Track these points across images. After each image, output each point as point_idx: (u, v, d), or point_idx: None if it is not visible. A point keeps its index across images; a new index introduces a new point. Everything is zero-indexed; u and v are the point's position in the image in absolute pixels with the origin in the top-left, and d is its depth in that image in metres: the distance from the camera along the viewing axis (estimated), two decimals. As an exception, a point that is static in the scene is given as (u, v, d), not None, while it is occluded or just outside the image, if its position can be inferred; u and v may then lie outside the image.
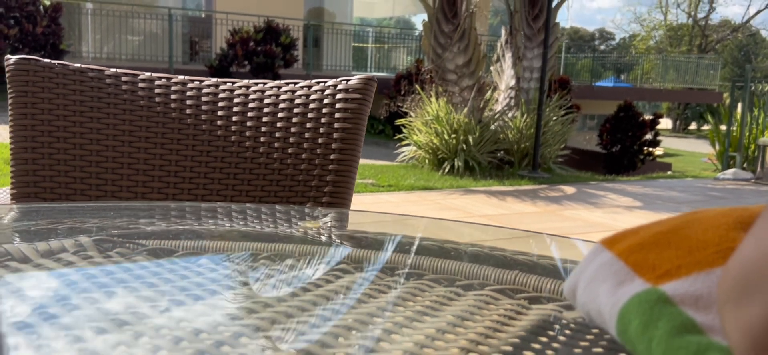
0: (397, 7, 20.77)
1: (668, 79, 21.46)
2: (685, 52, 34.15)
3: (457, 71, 8.53)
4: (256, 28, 12.71)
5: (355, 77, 1.38)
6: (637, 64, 25.76)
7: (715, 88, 21.85)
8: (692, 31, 37.90)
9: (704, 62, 23.14)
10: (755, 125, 9.72)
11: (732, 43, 43.28)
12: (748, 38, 44.08)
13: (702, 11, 37.95)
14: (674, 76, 21.80)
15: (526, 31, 9.00)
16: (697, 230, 0.38)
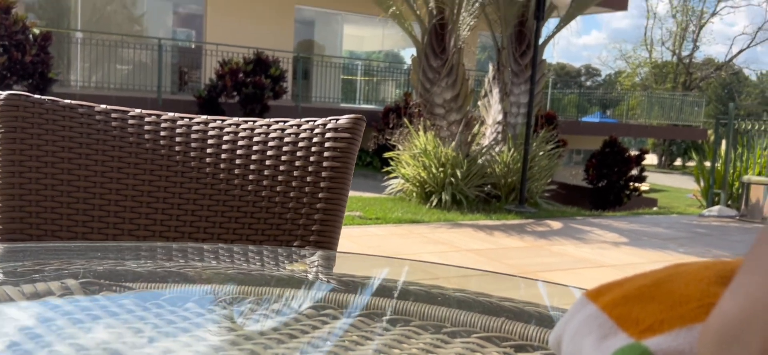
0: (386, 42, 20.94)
1: (653, 116, 21.71)
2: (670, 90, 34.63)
3: (445, 105, 8.60)
4: (246, 59, 12.76)
5: (345, 117, 1.39)
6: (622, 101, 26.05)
7: (699, 125, 22.11)
8: (677, 68, 38.47)
9: (689, 99, 23.45)
10: (739, 163, 9.83)
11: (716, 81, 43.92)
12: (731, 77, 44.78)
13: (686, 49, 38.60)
14: (659, 112, 22.06)
15: (513, 68, 9.11)
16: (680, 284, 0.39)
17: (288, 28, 17.16)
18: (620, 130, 19.87)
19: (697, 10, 38.02)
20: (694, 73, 38.83)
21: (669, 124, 21.74)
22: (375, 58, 22.77)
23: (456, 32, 8.51)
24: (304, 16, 18.31)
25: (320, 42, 19.70)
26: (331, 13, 18.18)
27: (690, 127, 21.97)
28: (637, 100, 23.63)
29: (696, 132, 22.06)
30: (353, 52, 23.97)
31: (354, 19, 18.59)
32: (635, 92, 27.15)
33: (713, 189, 9.77)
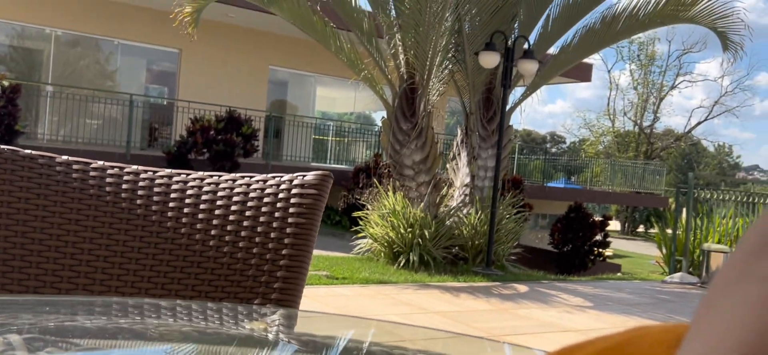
0: (358, 104, 21.15)
1: (616, 183, 22.12)
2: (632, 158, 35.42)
3: (414, 167, 8.65)
4: (218, 117, 12.73)
5: (312, 173, 1.38)
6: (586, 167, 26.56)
7: (661, 192, 22.57)
8: (638, 138, 39.46)
9: (650, 168, 24.00)
10: (699, 231, 10.01)
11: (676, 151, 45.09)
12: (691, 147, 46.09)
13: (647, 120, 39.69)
14: (622, 180, 22.49)
15: (480, 132, 9.24)
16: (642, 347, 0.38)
17: (261, 87, 17.25)
18: (585, 196, 20.17)
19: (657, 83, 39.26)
20: (655, 142, 39.87)
21: (632, 192, 22.16)
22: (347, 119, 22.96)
23: (426, 97, 8.63)
24: (278, 77, 18.45)
25: (293, 102, 19.80)
26: (305, 74, 18.36)
27: (652, 194, 22.41)
28: (601, 167, 24.11)
29: (658, 200, 22.50)
30: (325, 113, 24.11)
31: (327, 81, 18.79)
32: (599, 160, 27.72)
33: (675, 256, 9.90)
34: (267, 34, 16.40)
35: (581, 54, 9.33)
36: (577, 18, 8.94)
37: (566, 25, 9.04)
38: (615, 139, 40.06)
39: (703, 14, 8.15)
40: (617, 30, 8.74)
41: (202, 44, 13.26)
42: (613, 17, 8.69)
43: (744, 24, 8.02)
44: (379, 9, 8.56)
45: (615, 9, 8.67)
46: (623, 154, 37.54)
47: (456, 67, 9.37)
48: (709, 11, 8.11)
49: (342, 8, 8.54)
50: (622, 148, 39.46)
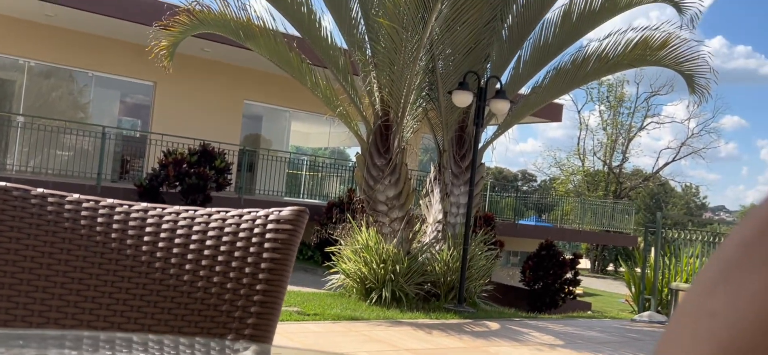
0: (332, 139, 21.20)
1: (586, 222, 22.37)
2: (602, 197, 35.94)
3: (387, 203, 8.67)
4: (191, 150, 12.65)
5: (287, 209, 1.39)
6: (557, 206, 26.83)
7: (630, 231, 22.87)
8: (608, 177, 40.08)
9: (619, 207, 24.33)
10: (667, 270, 10.15)
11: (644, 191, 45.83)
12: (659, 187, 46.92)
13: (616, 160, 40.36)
14: (592, 218, 22.76)
15: (453, 169, 9.31)
16: None
17: (236, 121, 17.21)
18: (555, 234, 20.35)
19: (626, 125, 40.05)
20: (623, 182, 40.51)
21: (601, 230, 22.41)
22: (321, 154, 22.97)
23: (400, 133, 8.70)
24: (252, 111, 18.43)
25: (267, 136, 19.76)
26: (280, 109, 18.38)
27: (621, 233, 22.69)
28: (571, 205, 24.38)
29: (627, 239, 22.79)
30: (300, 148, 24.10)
31: (302, 116, 18.83)
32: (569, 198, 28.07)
33: (644, 295, 10.01)
34: (242, 69, 16.44)
35: (552, 94, 9.51)
36: (547, 59, 9.14)
37: (537, 66, 9.23)
38: (585, 178, 40.63)
39: (671, 58, 8.39)
40: (587, 71, 8.94)
41: (178, 77, 13.23)
42: (584, 59, 8.90)
43: (710, 68, 8.27)
44: (355, 47, 8.66)
45: (585, 51, 8.89)
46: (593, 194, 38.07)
47: (430, 105, 9.48)
48: (677, 55, 8.35)
49: (318, 45, 8.62)
50: (591, 187, 40.03)
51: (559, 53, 9.05)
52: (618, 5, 8.38)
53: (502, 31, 9.07)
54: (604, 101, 39.41)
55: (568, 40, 8.95)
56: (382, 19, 7.63)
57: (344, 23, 8.66)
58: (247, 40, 8.03)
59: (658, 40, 8.19)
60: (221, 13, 7.95)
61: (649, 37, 8.25)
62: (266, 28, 8.09)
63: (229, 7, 7.85)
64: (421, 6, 7.31)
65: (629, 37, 8.35)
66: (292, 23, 8.53)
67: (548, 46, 9.03)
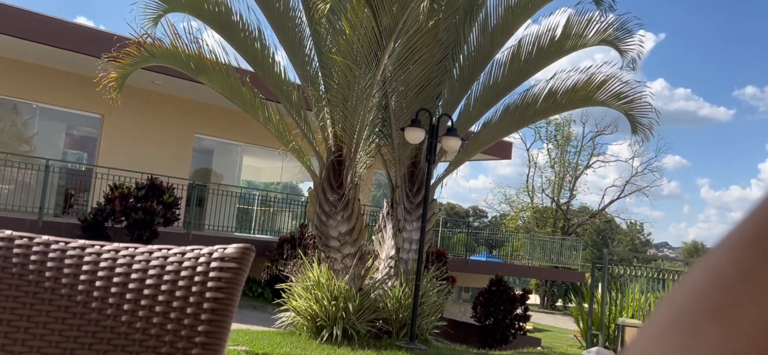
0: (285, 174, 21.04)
1: (536, 257, 22.68)
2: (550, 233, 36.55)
3: (340, 239, 8.60)
4: (139, 184, 12.35)
5: (232, 246, 1.35)
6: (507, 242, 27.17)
7: (578, 267, 23.26)
8: (556, 214, 40.87)
9: (567, 243, 24.77)
10: (614, 305, 10.34)
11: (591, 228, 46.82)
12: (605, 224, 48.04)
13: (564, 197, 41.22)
14: (541, 254, 23.09)
15: (406, 205, 9.33)
16: None
17: (186, 155, 16.92)
18: (505, 270, 20.55)
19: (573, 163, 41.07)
20: (571, 219, 41.35)
21: (550, 266, 22.74)
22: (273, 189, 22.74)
23: (353, 169, 8.68)
24: (203, 145, 18.17)
25: (218, 170, 19.47)
26: (232, 143, 18.16)
27: (569, 269, 23.07)
28: (521, 241, 24.70)
29: (575, 274, 23.17)
30: (251, 182, 23.82)
31: (254, 150, 18.63)
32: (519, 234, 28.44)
33: (592, 330, 10.15)
34: (193, 102, 16.23)
35: (501, 132, 9.67)
36: (497, 98, 9.32)
37: (488, 105, 9.39)
38: (534, 214, 41.32)
39: (613, 98, 8.67)
40: (535, 110, 9.14)
41: (126, 110, 12.97)
42: (532, 99, 9.11)
43: (652, 108, 8.56)
44: (308, 83, 8.66)
45: (533, 91, 9.11)
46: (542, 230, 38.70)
47: (383, 141, 9.52)
48: (619, 95, 8.64)
49: (271, 80, 8.58)
50: (540, 223, 40.71)
51: (509, 92, 9.25)
52: (563, 47, 8.63)
53: (453, 70, 9.22)
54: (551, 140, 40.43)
55: (517, 80, 9.16)
56: (335, 56, 7.66)
57: (298, 59, 8.66)
58: (199, 73, 7.94)
59: (601, 81, 8.47)
60: (172, 45, 7.85)
61: (593, 78, 8.53)
62: (218, 61, 8.02)
63: (180, 39, 7.76)
64: (375, 44, 7.38)
65: (575, 77, 8.62)
66: (245, 58, 8.49)
67: (498, 86, 9.21)
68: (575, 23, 8.47)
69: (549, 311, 38.61)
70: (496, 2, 8.99)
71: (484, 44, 9.12)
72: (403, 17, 6.92)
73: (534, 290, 35.53)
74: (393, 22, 7.05)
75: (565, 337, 20.57)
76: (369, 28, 7.17)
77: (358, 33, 7.27)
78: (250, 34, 8.29)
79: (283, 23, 8.53)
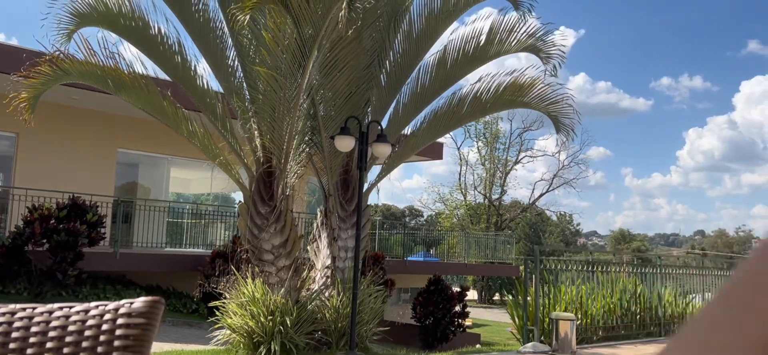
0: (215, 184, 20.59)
1: (471, 254, 23.02)
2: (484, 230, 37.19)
3: (273, 251, 8.47)
4: (60, 205, 11.83)
5: (140, 300, 1.28)
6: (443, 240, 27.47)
7: (512, 262, 23.75)
8: (489, 210, 41.65)
9: (501, 239, 25.26)
10: (547, 299, 10.58)
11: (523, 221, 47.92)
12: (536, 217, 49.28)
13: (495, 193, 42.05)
14: (476, 251, 23.45)
15: (340, 213, 9.28)
16: None
17: (109, 171, 16.33)
18: (443, 269, 20.76)
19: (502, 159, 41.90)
20: (504, 214, 42.24)
21: (486, 262, 23.13)
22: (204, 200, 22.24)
23: (284, 180, 8.57)
24: (128, 159, 17.58)
25: (145, 184, 18.88)
26: (158, 156, 17.64)
27: (504, 264, 23.52)
28: (456, 239, 25.02)
29: (510, 269, 23.64)
30: (181, 195, 23.18)
31: (181, 162, 18.15)
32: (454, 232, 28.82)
33: (527, 325, 10.36)
34: (115, 116, 15.67)
35: (431, 136, 9.76)
36: (425, 103, 9.40)
37: (416, 110, 9.46)
38: (467, 212, 41.97)
39: (537, 100, 8.88)
40: (463, 113, 9.27)
41: (43, 128, 12.39)
42: (459, 101, 9.22)
43: (573, 109, 8.82)
44: (232, 94, 8.49)
45: (460, 94, 9.22)
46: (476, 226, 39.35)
47: (313, 149, 9.44)
48: (542, 98, 8.86)
49: (194, 93, 8.38)
50: (474, 220, 41.39)
51: (437, 97, 9.35)
52: (487, 54, 8.78)
53: (380, 77, 9.24)
54: (480, 138, 41.16)
55: (444, 85, 9.27)
56: (259, 67, 7.53)
57: (221, 70, 8.48)
58: (118, 89, 7.66)
59: (525, 84, 8.67)
60: (87, 61, 7.53)
61: (517, 82, 8.72)
62: (137, 76, 7.75)
63: (95, 55, 7.46)
64: (298, 53, 7.30)
65: (500, 81, 8.79)
66: (165, 71, 8.26)
67: (425, 91, 9.30)
68: (498, 31, 8.63)
69: (487, 305, 39.31)
70: (420, 9, 9.08)
71: (410, 50, 9.18)
72: (324, 24, 6.87)
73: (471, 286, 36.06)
74: (315, 30, 6.99)
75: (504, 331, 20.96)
76: (292, 37, 7.08)
77: (281, 43, 7.18)
78: (169, 47, 8.06)
79: (203, 35, 8.34)
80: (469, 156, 42.19)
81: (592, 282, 11.63)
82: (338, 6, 6.51)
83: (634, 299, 11.86)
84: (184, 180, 22.05)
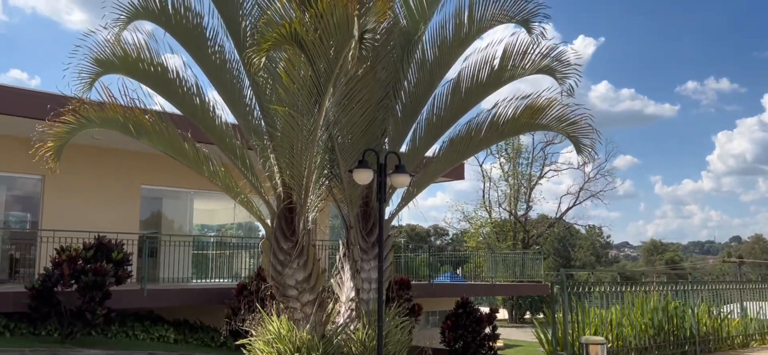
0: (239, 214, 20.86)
1: (499, 273, 22.94)
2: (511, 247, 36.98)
3: (297, 287, 8.57)
4: (87, 245, 12.11)
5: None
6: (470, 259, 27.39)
7: (541, 279, 23.59)
8: (515, 227, 41.34)
9: (529, 256, 25.14)
10: (577, 324, 10.51)
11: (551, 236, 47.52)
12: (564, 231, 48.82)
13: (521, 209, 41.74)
14: (504, 270, 23.36)
15: (361, 245, 9.36)
16: None
17: (133, 208, 16.65)
18: (470, 290, 20.73)
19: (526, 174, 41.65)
20: (530, 230, 41.86)
21: (514, 282, 23.02)
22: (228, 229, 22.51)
23: (305, 215, 8.69)
24: (151, 195, 17.91)
25: (169, 217, 19.19)
26: (181, 190, 17.94)
27: (533, 282, 23.38)
28: (483, 258, 24.94)
29: (539, 287, 23.50)
30: (205, 226, 23.47)
31: (204, 194, 18.41)
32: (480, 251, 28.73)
33: (557, 351, 10.29)
34: (137, 153, 16.00)
35: (449, 163, 9.81)
36: (441, 131, 9.50)
37: (433, 138, 9.57)
38: (493, 229, 41.71)
39: (555, 122, 8.90)
40: (480, 139, 9.34)
41: (68, 169, 12.63)
42: (476, 128, 9.29)
43: (592, 128, 8.81)
44: (251, 133, 8.66)
45: (476, 121, 9.29)
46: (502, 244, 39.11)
47: (333, 181, 9.56)
48: (560, 118, 8.87)
49: (214, 134, 8.57)
50: (500, 238, 41.13)
51: (452, 124, 9.43)
52: (501, 78, 8.86)
53: (396, 107, 9.37)
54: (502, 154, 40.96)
55: (459, 112, 9.35)
56: (276, 106, 7.69)
57: (239, 110, 8.68)
58: (140, 135, 7.88)
59: (542, 106, 8.71)
60: (110, 107, 7.76)
61: (534, 104, 8.75)
62: (157, 120, 7.96)
63: (116, 102, 7.69)
64: (314, 90, 7.45)
65: (516, 105, 8.84)
66: (185, 113, 8.48)
67: (441, 120, 9.39)
68: (511, 56, 8.70)
69: (518, 324, 38.95)
70: (433, 38, 9.19)
71: (424, 80, 9.30)
72: (337, 63, 7.02)
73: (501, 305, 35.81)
74: (329, 68, 7.14)
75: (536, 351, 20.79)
76: (307, 75, 7.24)
77: (297, 81, 7.34)
78: (187, 90, 8.28)
79: (220, 76, 8.55)
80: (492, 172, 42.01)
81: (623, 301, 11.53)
82: (349, 46, 6.65)
83: (666, 317, 11.72)
84: (207, 211, 22.35)
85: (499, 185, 41.82)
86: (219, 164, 8.60)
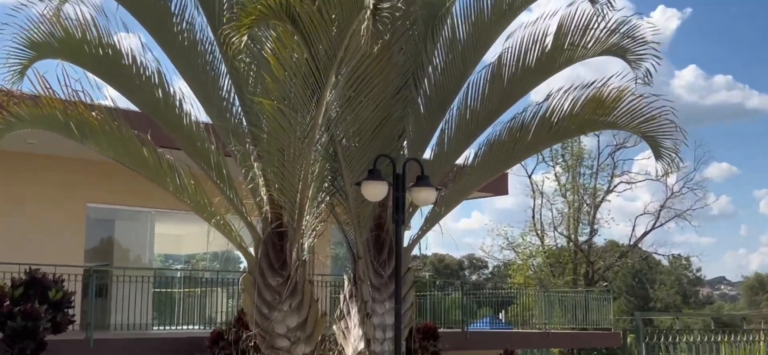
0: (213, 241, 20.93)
1: (555, 318, 22.79)
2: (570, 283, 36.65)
3: (289, 336, 8.60)
4: (15, 281, 12.20)
5: None
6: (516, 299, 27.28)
7: (610, 326, 23.40)
8: (575, 257, 40.90)
9: (594, 295, 24.97)
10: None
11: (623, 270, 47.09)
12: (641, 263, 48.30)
13: (583, 234, 41.23)
14: (561, 313, 23.23)
15: (373, 281, 9.35)
16: None
17: (77, 233, 16.75)
18: (517, 341, 20.63)
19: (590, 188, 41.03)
20: (595, 261, 41.32)
21: (576, 330, 22.86)
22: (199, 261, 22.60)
23: (299, 241, 8.72)
24: (100, 215, 18.03)
25: (123, 245, 19.29)
26: (138, 210, 18.02)
27: (601, 331, 23.18)
28: (533, 298, 24.82)
29: (608, 337, 23.29)
30: (170, 256, 23.56)
31: (168, 215, 18.41)
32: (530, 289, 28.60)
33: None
34: (82, 163, 16.03)
35: (487, 173, 9.83)
36: (477, 132, 9.50)
37: (466, 141, 9.58)
38: (546, 260, 41.36)
39: (626, 118, 8.88)
40: (527, 142, 9.35)
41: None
42: (523, 127, 9.29)
43: (675, 126, 8.77)
44: (229, 135, 8.72)
45: (524, 116, 9.28)
46: (559, 279, 38.82)
47: (335, 197, 9.59)
48: (633, 113, 8.84)
49: (181, 136, 8.64)
50: (556, 271, 40.78)
51: (491, 123, 9.44)
52: (556, 62, 8.86)
53: (417, 101, 9.38)
54: (559, 161, 40.57)
55: (500, 106, 9.37)
56: (262, 99, 7.75)
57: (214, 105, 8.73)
58: (85, 138, 7.96)
59: (610, 98, 8.68)
60: (47, 103, 7.84)
61: (598, 95, 8.72)
62: (109, 119, 8.04)
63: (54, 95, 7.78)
64: (311, 78, 7.47)
65: (575, 96, 8.83)
66: (143, 109, 8.58)
67: (476, 116, 9.40)
68: (568, 31, 8.70)
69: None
70: (465, 10, 9.21)
71: (454, 64, 9.31)
72: (344, 42, 7.05)
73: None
74: (332, 48, 7.18)
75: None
76: (302, 60, 7.29)
77: (288, 67, 7.38)
78: (147, 79, 8.37)
79: (190, 61, 8.65)
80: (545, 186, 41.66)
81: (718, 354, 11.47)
82: (360, 17, 6.66)
83: (775, 375, 11.64)
84: (173, 237, 22.44)
85: (554, 201, 41.52)
86: (188, 176, 8.66)
